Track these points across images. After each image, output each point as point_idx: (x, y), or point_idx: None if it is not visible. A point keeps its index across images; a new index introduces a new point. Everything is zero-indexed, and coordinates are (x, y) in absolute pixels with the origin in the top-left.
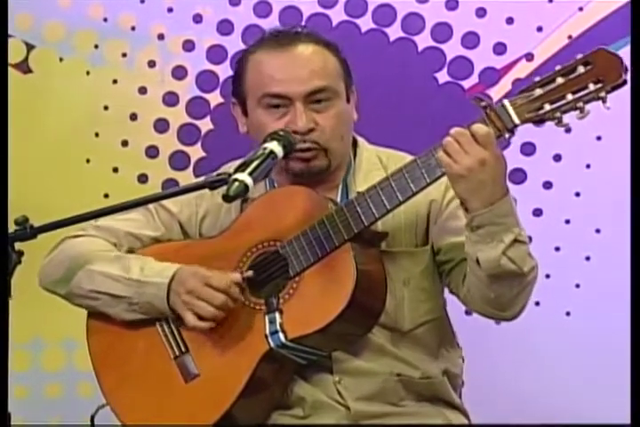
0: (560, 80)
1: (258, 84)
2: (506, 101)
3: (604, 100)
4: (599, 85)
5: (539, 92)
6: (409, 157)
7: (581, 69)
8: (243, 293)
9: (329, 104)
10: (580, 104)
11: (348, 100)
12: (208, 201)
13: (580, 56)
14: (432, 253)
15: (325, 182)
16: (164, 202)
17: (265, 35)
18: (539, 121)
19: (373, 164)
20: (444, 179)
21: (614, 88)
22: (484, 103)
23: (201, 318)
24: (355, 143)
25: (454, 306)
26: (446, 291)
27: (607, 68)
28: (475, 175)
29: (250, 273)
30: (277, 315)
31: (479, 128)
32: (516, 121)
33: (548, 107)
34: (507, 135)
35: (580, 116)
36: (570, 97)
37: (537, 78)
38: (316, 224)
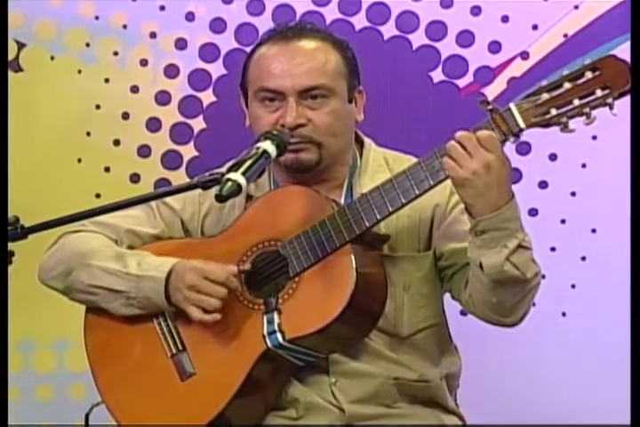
0: (567, 85)
1: (256, 77)
2: (512, 105)
3: (610, 106)
4: (606, 92)
5: (545, 96)
6: (416, 160)
7: (589, 75)
8: (241, 286)
9: (324, 101)
10: (587, 110)
11: (351, 101)
12: (211, 198)
13: (587, 62)
14: (434, 259)
15: (328, 181)
16: (167, 199)
17: (274, 28)
18: (544, 125)
19: (379, 165)
20: (449, 183)
21: (621, 95)
22: (489, 107)
23: (205, 311)
24: (361, 144)
25: (449, 307)
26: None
27: (615, 74)
28: (480, 179)
29: (247, 266)
30: (276, 315)
31: (482, 132)
32: (522, 125)
33: (554, 112)
34: (512, 139)
35: (587, 122)
36: (577, 102)
37: (544, 82)
38: (318, 225)
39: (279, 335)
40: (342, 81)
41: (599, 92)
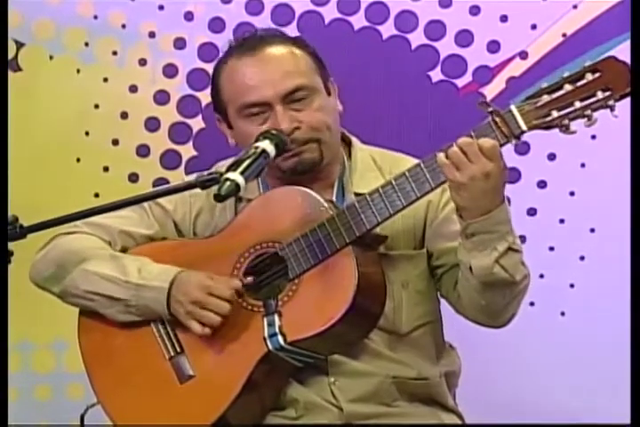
0: (568, 87)
1: (234, 94)
2: (513, 107)
3: (612, 108)
4: (607, 93)
5: (546, 98)
6: (401, 156)
7: (589, 77)
8: (241, 296)
9: (309, 100)
10: (588, 112)
11: (329, 93)
12: (202, 199)
13: (588, 63)
14: (428, 256)
15: (320, 180)
16: (160, 200)
17: (231, 44)
18: (546, 128)
19: (368, 164)
20: None
21: (623, 97)
22: (490, 109)
23: (205, 325)
24: (349, 143)
25: (448, 306)
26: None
27: (615, 76)
28: (477, 185)
29: (250, 280)
30: (276, 317)
31: (486, 141)
32: (523, 127)
33: (555, 114)
34: (513, 141)
35: (588, 124)
36: (578, 104)
37: (544, 84)
38: (317, 227)
39: (280, 338)
40: (317, 77)
41: (600, 94)
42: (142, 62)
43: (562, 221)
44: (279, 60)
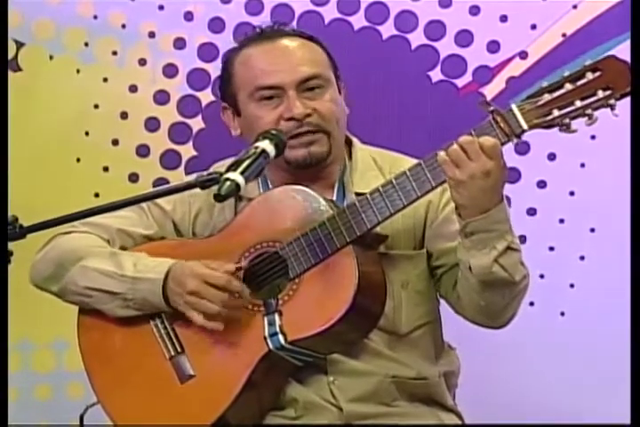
0: (568, 86)
1: (248, 78)
2: (514, 106)
3: (612, 107)
4: (608, 93)
5: (547, 97)
6: (401, 157)
7: (590, 76)
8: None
9: (322, 91)
10: (589, 111)
11: (339, 91)
12: (202, 199)
13: (588, 62)
14: (428, 256)
15: (321, 180)
16: (158, 200)
17: (247, 34)
18: (546, 127)
19: (368, 164)
20: None
21: (623, 96)
22: (491, 108)
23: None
24: (349, 143)
25: (447, 306)
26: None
27: (616, 75)
28: (476, 183)
29: (244, 264)
30: (277, 317)
31: (486, 140)
32: (524, 126)
33: (556, 113)
34: (514, 140)
35: (589, 123)
36: (578, 103)
37: (545, 84)
38: (317, 226)
39: (281, 337)
40: (331, 71)
41: (601, 93)
42: (142, 62)
43: (562, 221)
44: (297, 48)
